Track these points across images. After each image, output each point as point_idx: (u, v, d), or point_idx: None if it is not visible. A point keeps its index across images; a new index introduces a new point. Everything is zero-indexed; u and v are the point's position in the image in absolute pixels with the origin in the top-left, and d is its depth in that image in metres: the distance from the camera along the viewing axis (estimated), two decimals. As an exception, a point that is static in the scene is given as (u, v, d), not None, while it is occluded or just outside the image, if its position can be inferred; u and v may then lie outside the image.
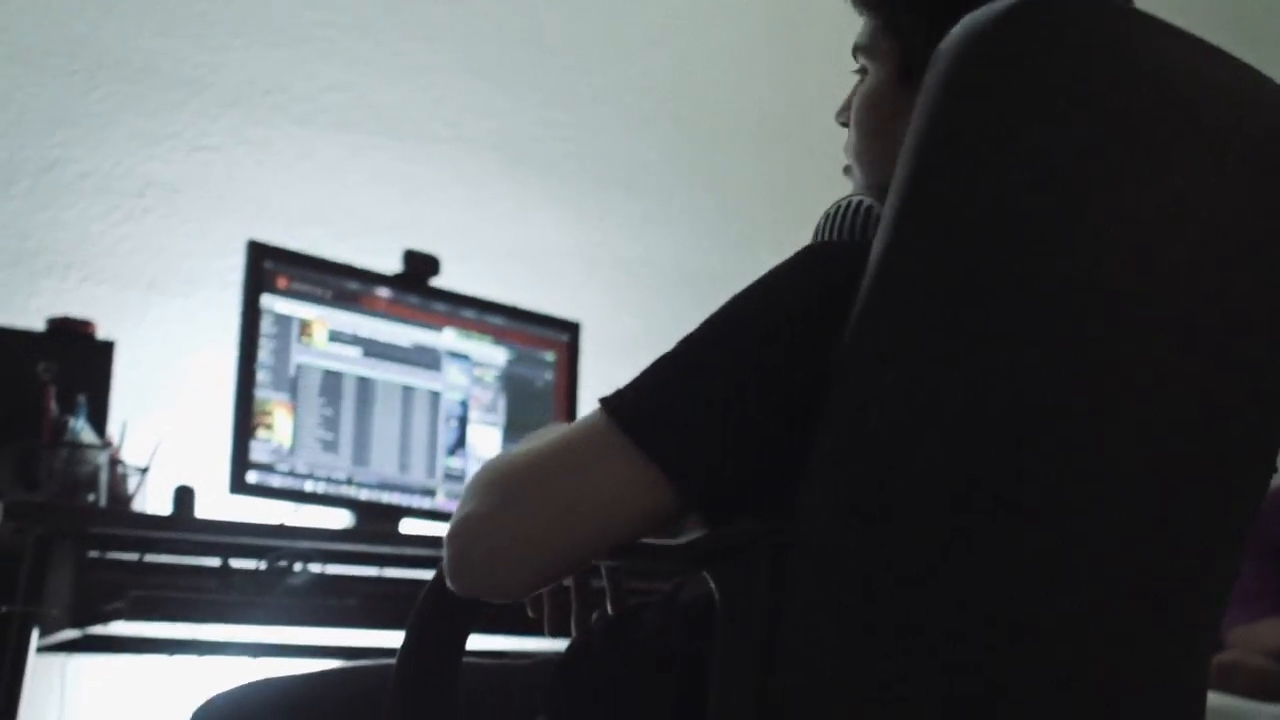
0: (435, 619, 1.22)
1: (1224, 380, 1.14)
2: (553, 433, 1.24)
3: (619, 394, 1.15)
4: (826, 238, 1.33)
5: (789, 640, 1.06)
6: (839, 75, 1.52)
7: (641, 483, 1.11)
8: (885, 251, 1.07)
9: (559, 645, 1.39)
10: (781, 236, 3.90)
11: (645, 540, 1.14)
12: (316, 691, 1.43)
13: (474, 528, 1.12)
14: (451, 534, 1.14)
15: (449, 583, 1.15)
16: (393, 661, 1.33)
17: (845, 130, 1.43)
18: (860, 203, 1.31)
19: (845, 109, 1.43)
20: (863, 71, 1.41)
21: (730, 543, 1.09)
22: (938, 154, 1.05)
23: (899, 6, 1.36)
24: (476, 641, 2.42)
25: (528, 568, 1.12)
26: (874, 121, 1.37)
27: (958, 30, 1.06)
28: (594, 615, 1.39)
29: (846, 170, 1.45)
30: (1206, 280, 1.10)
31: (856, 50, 1.41)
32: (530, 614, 1.40)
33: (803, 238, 1.56)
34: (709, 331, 1.17)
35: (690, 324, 1.22)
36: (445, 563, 1.15)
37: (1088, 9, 1.06)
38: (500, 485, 1.13)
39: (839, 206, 1.34)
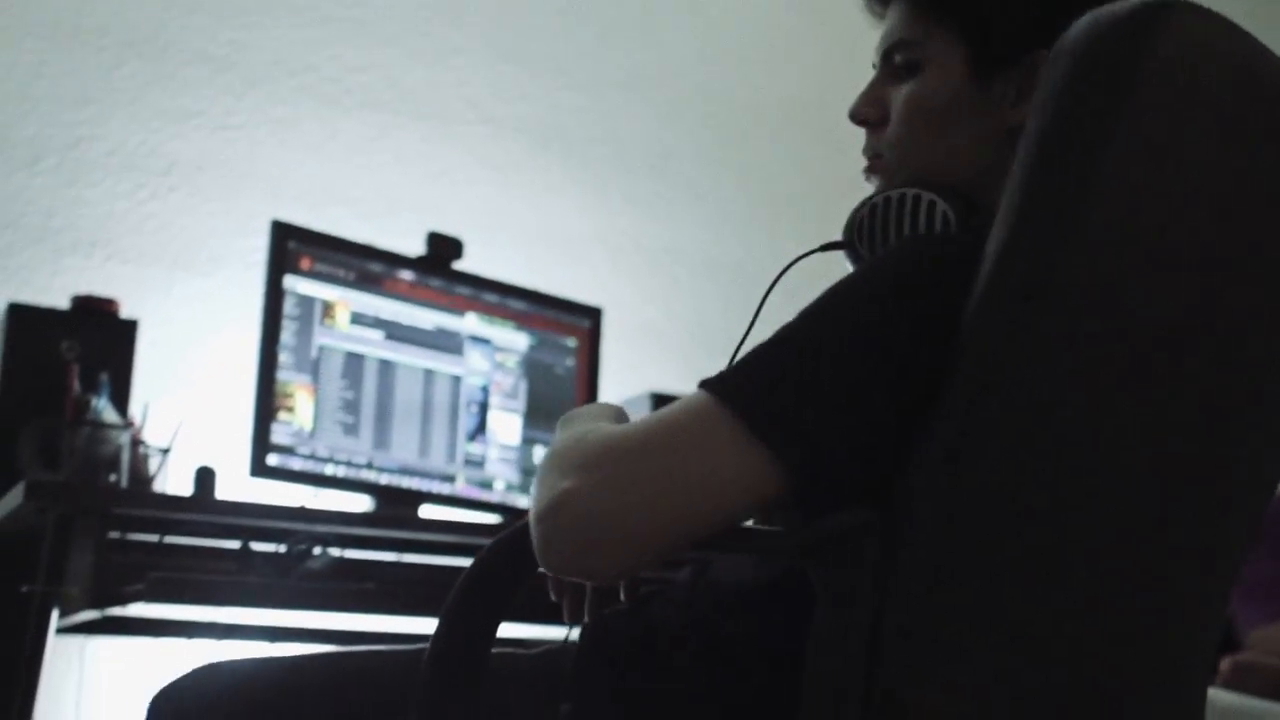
0: (473, 605, 1.20)
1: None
2: (595, 414, 1.25)
3: (724, 378, 1.14)
4: (888, 230, 1.32)
5: (897, 629, 1.07)
6: (868, 64, 1.50)
7: (752, 466, 1.10)
8: (1008, 251, 1.07)
9: (548, 632, 1.39)
10: (807, 226, 3.88)
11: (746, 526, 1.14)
12: (274, 677, 1.41)
13: (574, 505, 1.09)
14: (544, 511, 1.11)
15: (542, 561, 1.12)
16: (358, 649, 1.34)
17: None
18: (920, 196, 1.30)
19: (870, 106, 1.41)
20: (901, 70, 1.38)
21: (845, 531, 1.08)
22: (1080, 156, 1.06)
23: (972, 6, 1.34)
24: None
25: (629, 547, 1.09)
26: (938, 123, 1.35)
27: (1101, 29, 1.07)
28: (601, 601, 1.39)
29: (870, 170, 1.42)
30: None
31: (898, 47, 1.38)
32: (554, 598, 1.39)
33: (828, 228, 1.55)
34: (817, 319, 1.17)
35: (713, 312, 1.23)
36: (537, 540, 1.11)
37: (1217, 19, 1.09)
38: (600, 462, 1.11)
39: (891, 199, 1.33)
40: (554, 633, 1.44)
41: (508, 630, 2.29)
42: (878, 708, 1.06)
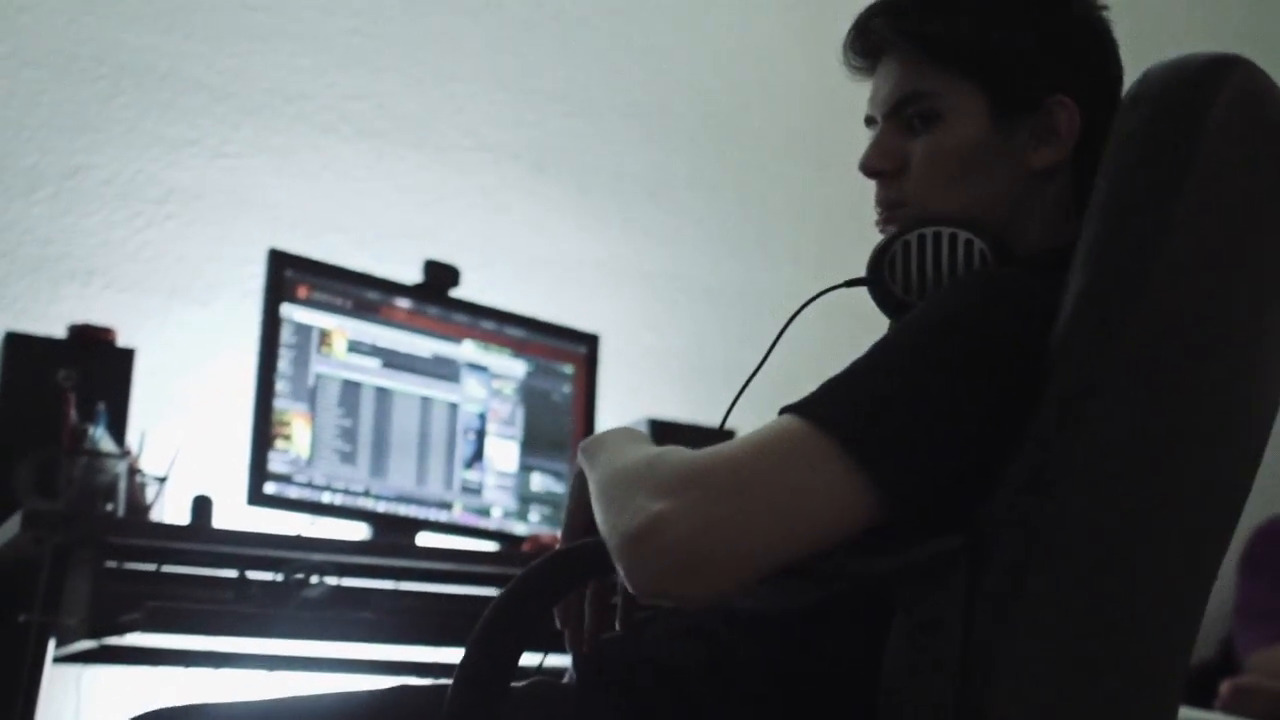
0: (503, 634, 1.19)
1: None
2: (630, 438, 1.27)
3: (818, 404, 1.15)
4: (925, 267, 1.34)
5: (982, 649, 1.11)
6: (867, 91, 1.51)
7: (850, 491, 1.11)
8: (1094, 287, 1.14)
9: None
10: (805, 252, 3.90)
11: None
12: None
13: (671, 527, 1.08)
14: (637, 532, 1.10)
15: (633, 583, 1.10)
16: (332, 694, 1.35)
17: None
18: (956, 234, 1.34)
19: (886, 158, 1.42)
20: (915, 120, 1.41)
21: (936, 558, 1.11)
22: (1160, 195, 1.14)
23: (991, 56, 1.38)
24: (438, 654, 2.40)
25: (727, 570, 1.09)
26: (963, 171, 1.38)
27: (1178, 80, 1.17)
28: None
29: (888, 220, 1.43)
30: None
31: (913, 99, 1.40)
32: (559, 626, 1.38)
33: (825, 254, 1.57)
34: (908, 349, 1.19)
35: (711, 338, 1.26)
36: (627, 562, 1.11)
37: (1266, 76, 1.21)
38: (696, 484, 1.10)
39: (926, 236, 1.35)
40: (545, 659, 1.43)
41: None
42: None
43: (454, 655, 2.38)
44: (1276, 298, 1.23)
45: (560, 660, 1.41)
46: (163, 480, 2.29)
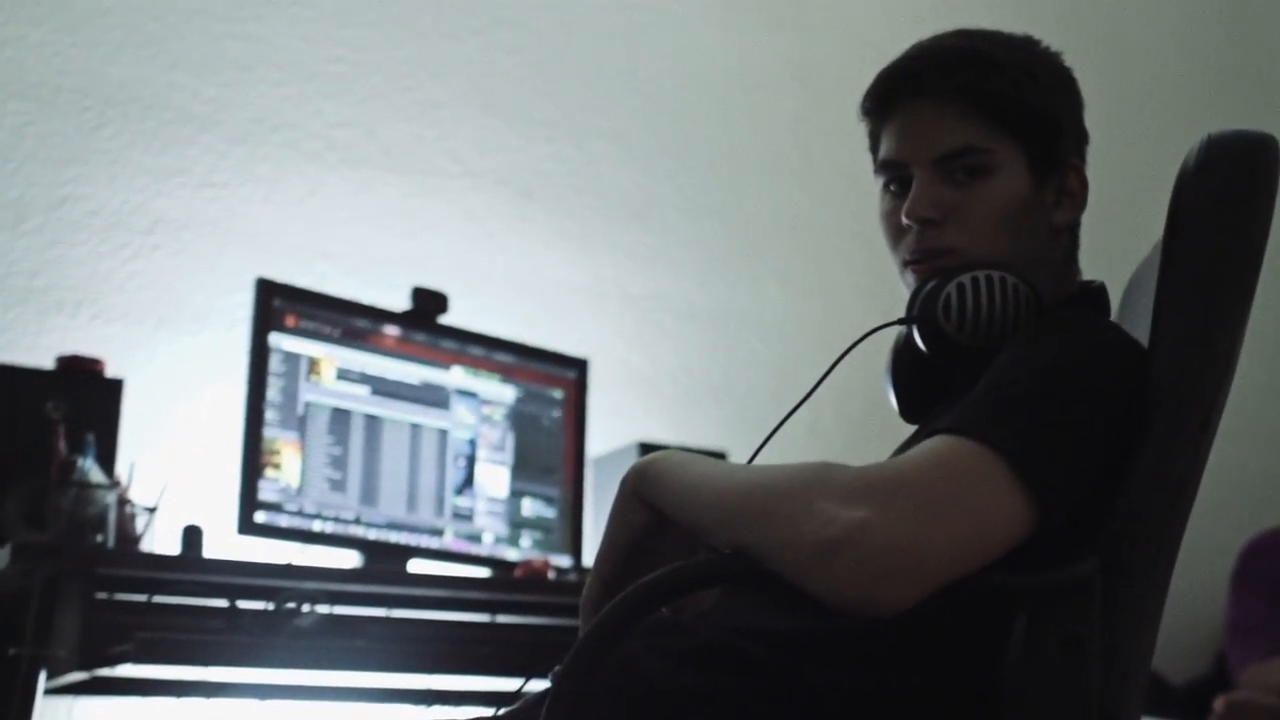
0: (597, 665, 1.18)
1: None
2: (712, 460, 1.33)
3: (983, 423, 1.23)
4: (980, 308, 1.43)
5: (1111, 658, 1.22)
6: (850, 112, 1.53)
7: (1016, 508, 1.20)
8: (1210, 344, 1.30)
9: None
10: (791, 274, 3.90)
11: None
12: None
13: (872, 536, 1.13)
14: (841, 538, 1.14)
15: (827, 592, 1.14)
16: None
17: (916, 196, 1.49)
18: (1006, 278, 1.44)
19: (935, 207, 1.48)
20: (961, 173, 1.48)
21: (1081, 579, 1.19)
22: (1248, 265, 1.31)
23: (1036, 117, 1.48)
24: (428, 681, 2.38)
25: (922, 578, 1.14)
26: (1011, 223, 1.48)
27: (1249, 157, 1.32)
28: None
29: (932, 266, 1.49)
30: None
31: (966, 152, 1.47)
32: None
33: (812, 275, 1.60)
34: (1057, 380, 1.28)
35: (699, 361, 1.29)
36: (825, 569, 1.14)
37: None
38: (894, 494, 1.16)
39: (980, 280, 1.44)
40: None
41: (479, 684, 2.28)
42: None
43: (446, 682, 2.39)
44: None
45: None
46: (152, 510, 2.28)
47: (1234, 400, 1.31)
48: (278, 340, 2.49)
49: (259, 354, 2.46)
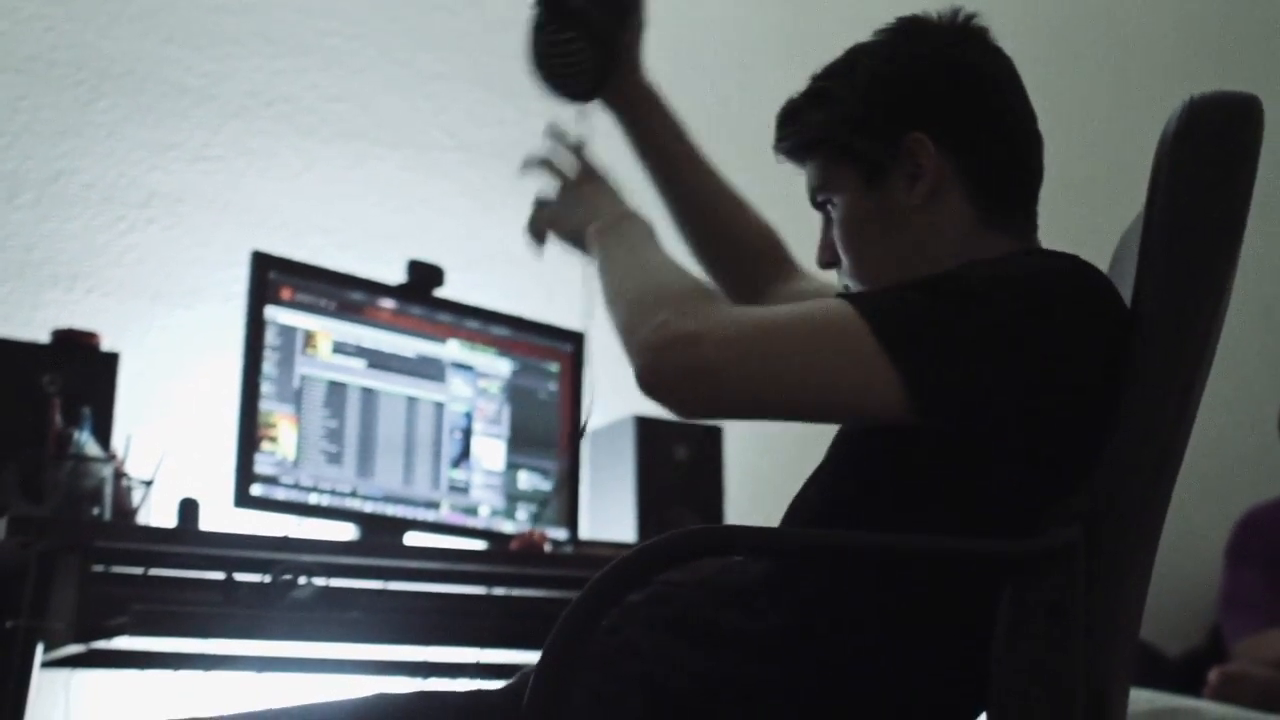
0: (578, 641, 1.20)
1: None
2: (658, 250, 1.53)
3: (867, 298, 1.31)
4: None
5: (1094, 628, 1.22)
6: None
7: (878, 382, 1.25)
8: (1191, 308, 1.29)
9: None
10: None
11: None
12: None
13: (700, 343, 1.26)
14: (669, 339, 1.27)
15: (642, 377, 1.30)
16: (287, 709, 1.36)
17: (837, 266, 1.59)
18: None
19: (825, 250, 1.60)
20: (826, 210, 1.58)
21: (1062, 546, 1.21)
22: (1231, 225, 1.31)
23: (835, 135, 1.54)
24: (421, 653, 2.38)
25: (734, 396, 1.27)
26: (868, 237, 1.53)
27: (1229, 117, 1.32)
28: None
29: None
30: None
31: (815, 193, 1.59)
32: None
33: (807, 249, 1.63)
34: (960, 286, 1.31)
35: None
36: (649, 358, 1.30)
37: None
38: (735, 319, 1.28)
39: None
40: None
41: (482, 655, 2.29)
42: (1093, 704, 1.21)
43: (442, 654, 2.40)
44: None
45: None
46: (149, 484, 2.28)
47: (1230, 375, 1.32)
48: (273, 314, 2.49)
49: (255, 327, 2.46)
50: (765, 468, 3.26)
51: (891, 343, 1.25)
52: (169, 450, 2.41)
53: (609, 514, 2.86)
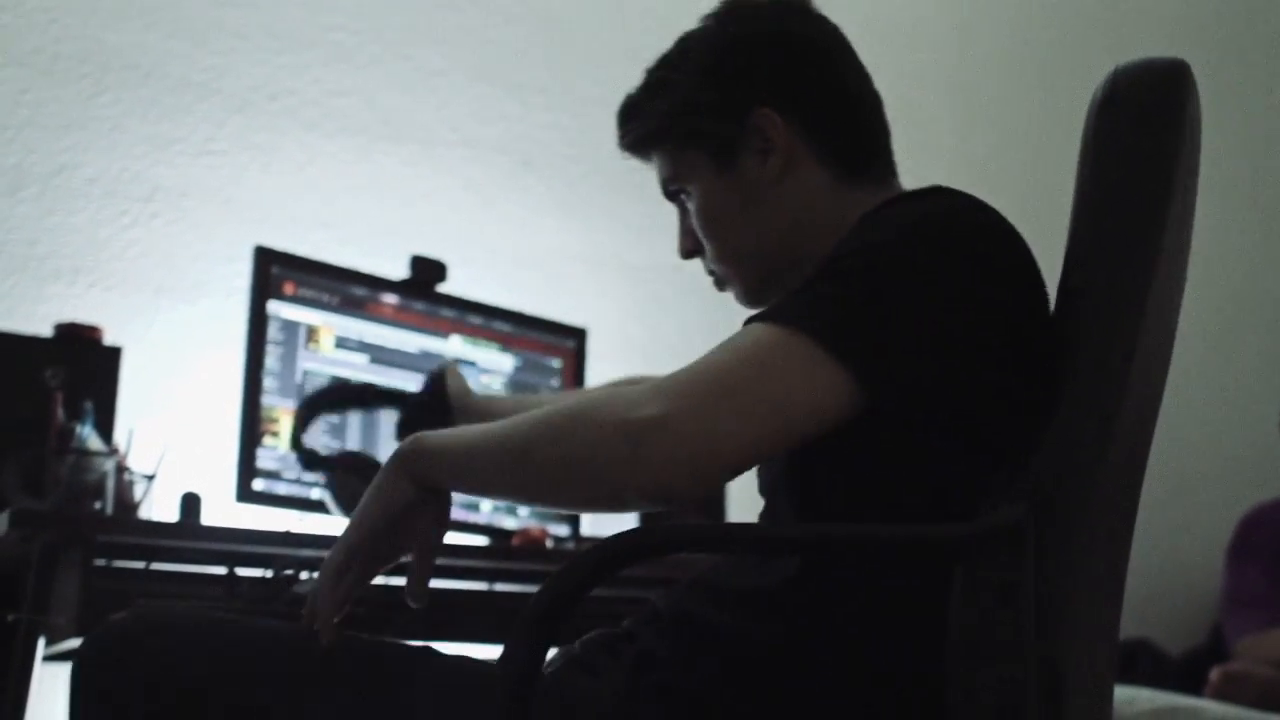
0: (546, 631, 1.20)
1: (1161, 379, 1.40)
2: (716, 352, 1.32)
3: (784, 310, 1.27)
4: None
5: (1048, 604, 1.20)
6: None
7: (825, 381, 1.22)
8: (1120, 275, 1.26)
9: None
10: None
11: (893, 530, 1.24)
12: (231, 637, 1.39)
13: (679, 425, 1.18)
14: (641, 432, 1.18)
15: (628, 482, 1.20)
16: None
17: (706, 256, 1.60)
18: None
19: (686, 238, 1.61)
20: (681, 199, 1.59)
21: (1007, 526, 1.18)
22: (1156, 194, 1.27)
23: (679, 122, 1.56)
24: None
25: (729, 463, 1.20)
26: (728, 220, 1.55)
27: (1152, 84, 1.30)
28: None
29: (720, 285, 1.61)
30: (1183, 280, 1.40)
31: (667, 184, 1.60)
32: None
33: None
34: (863, 260, 1.29)
35: (697, 330, 1.32)
36: (622, 462, 1.19)
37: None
38: (695, 385, 1.21)
39: None
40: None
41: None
42: (1045, 682, 1.18)
43: (444, 649, 2.39)
44: (1184, 268, 1.39)
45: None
46: (151, 478, 2.28)
47: (1231, 374, 1.32)
48: (276, 308, 2.49)
49: (257, 322, 2.46)
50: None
51: (828, 341, 1.23)
52: (171, 445, 2.41)
53: (610, 510, 2.85)
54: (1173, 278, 1.33)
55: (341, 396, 2.26)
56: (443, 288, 2.74)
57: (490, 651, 2.32)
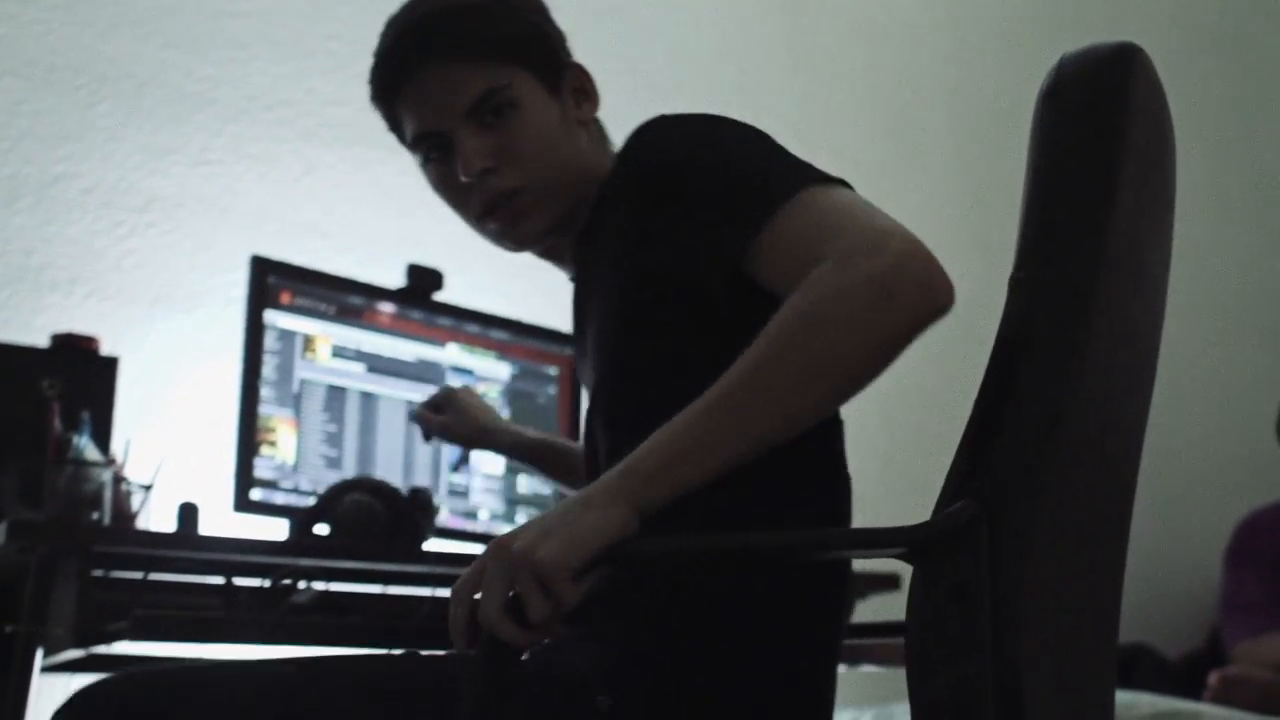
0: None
1: (1149, 372, 1.40)
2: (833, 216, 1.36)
3: (804, 172, 1.40)
4: None
5: (1002, 605, 1.17)
6: (847, 94, 1.54)
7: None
8: (1065, 274, 1.24)
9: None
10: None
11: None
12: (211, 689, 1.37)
13: (913, 249, 1.24)
14: (881, 279, 1.22)
15: (901, 325, 1.22)
16: (293, 658, 1.39)
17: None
18: None
19: (490, 156, 1.60)
20: (490, 114, 1.60)
21: (959, 525, 1.17)
22: (1101, 181, 1.24)
23: (530, 41, 1.64)
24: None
25: (940, 269, 1.25)
26: (557, 140, 1.62)
27: (1097, 70, 1.28)
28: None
29: (507, 209, 1.64)
30: (1159, 280, 1.39)
31: (490, 95, 1.59)
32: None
33: None
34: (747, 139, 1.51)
35: None
36: (890, 308, 1.21)
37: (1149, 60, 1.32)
38: (876, 239, 1.26)
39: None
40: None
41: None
42: (1005, 681, 1.15)
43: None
44: (1162, 269, 1.38)
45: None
46: (148, 488, 2.28)
47: (1228, 379, 1.31)
48: (273, 318, 2.49)
49: (254, 331, 2.46)
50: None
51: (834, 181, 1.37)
52: (168, 455, 2.41)
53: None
54: (1138, 272, 1.31)
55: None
56: (439, 296, 2.74)
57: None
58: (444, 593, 2.30)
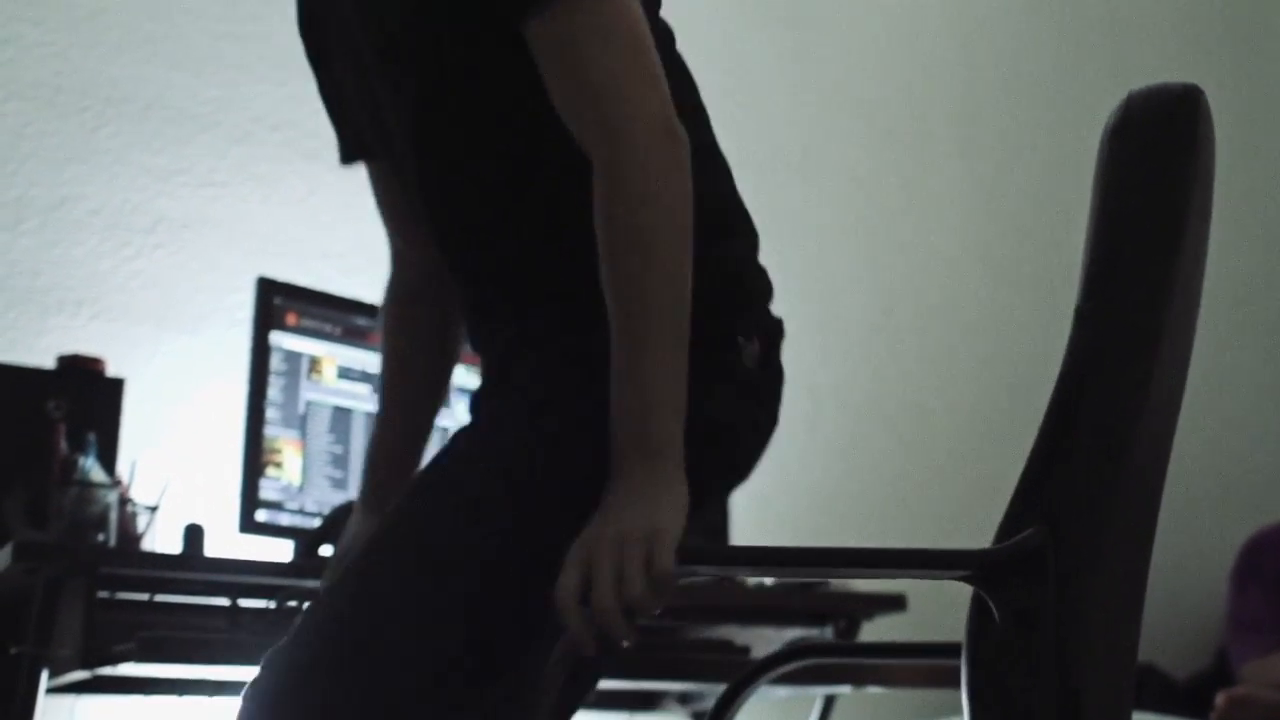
0: None
1: (1182, 391, 1.43)
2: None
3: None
4: None
5: (1069, 626, 1.20)
6: (849, 108, 1.54)
7: None
8: (1133, 308, 1.28)
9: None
10: (788, 269, 3.89)
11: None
12: None
13: (651, 119, 1.48)
14: (662, 139, 1.46)
15: (666, 186, 1.42)
16: None
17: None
18: None
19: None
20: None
21: (1029, 552, 1.20)
22: (1171, 219, 1.29)
23: None
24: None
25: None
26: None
27: (1167, 110, 1.31)
28: None
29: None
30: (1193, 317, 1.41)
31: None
32: None
33: (811, 260, 1.60)
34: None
35: None
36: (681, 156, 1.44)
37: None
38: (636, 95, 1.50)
39: None
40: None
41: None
42: (1067, 714, 1.18)
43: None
44: (1196, 296, 1.40)
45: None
46: (154, 509, 2.28)
47: (1238, 397, 1.31)
48: (279, 339, 2.49)
49: (260, 353, 2.46)
50: (764, 465, 3.25)
51: None
52: (174, 476, 2.41)
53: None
54: (1188, 303, 1.34)
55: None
56: (445, 317, 2.74)
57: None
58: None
